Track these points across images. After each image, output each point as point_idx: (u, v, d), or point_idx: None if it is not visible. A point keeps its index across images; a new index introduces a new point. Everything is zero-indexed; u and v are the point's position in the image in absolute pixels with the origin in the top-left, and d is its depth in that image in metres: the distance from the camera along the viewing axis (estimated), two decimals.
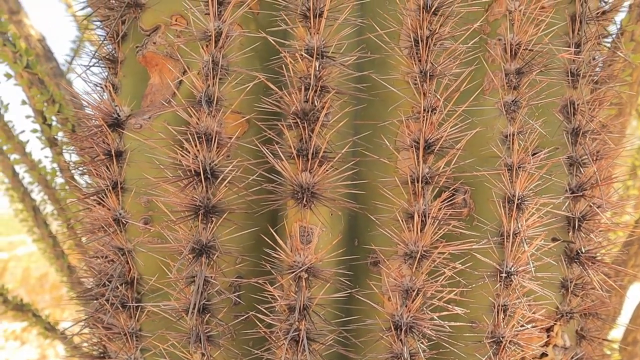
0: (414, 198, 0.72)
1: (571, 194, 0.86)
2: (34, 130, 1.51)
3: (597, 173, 0.85)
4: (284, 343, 0.72)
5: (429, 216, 0.72)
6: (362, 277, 0.78)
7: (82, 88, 0.94)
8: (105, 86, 0.92)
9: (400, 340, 0.73)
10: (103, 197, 0.88)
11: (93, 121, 0.90)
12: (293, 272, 0.71)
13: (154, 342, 0.81)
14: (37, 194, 1.94)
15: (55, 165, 1.59)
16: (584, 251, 0.86)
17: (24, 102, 1.52)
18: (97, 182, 0.89)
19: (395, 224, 0.74)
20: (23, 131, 1.67)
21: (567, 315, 0.89)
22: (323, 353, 0.74)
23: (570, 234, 0.86)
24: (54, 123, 1.37)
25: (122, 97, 0.90)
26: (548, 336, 0.89)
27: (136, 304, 0.85)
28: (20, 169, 1.77)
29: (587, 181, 0.87)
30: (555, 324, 0.89)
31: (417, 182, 0.72)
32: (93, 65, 0.96)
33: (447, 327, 0.73)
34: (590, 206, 0.86)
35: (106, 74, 0.96)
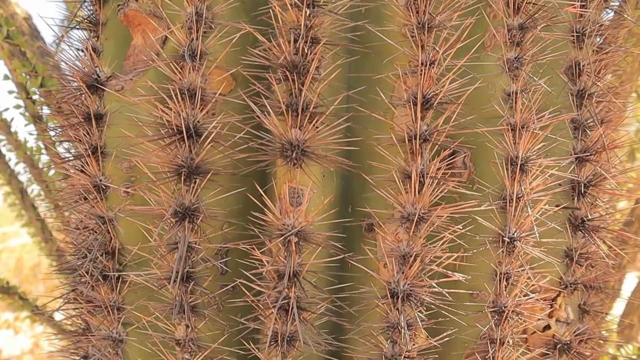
0: (411, 157, 0.68)
1: (576, 158, 0.82)
2: (17, 107, 1.46)
3: (603, 137, 0.81)
4: (272, 312, 0.67)
5: (427, 176, 0.67)
6: (356, 243, 0.73)
7: (63, 53, 0.89)
8: (86, 48, 0.87)
9: (397, 309, 0.69)
10: (82, 162, 0.83)
11: (72, 83, 0.85)
12: (282, 235, 0.66)
13: (136, 314, 0.77)
14: (24, 175, 1.89)
15: (40, 142, 1.53)
16: (589, 218, 0.82)
17: (6, 77, 1.47)
18: (77, 147, 0.85)
19: (392, 185, 0.69)
20: (7, 109, 1.62)
21: (571, 286, 0.85)
22: (314, 322, 0.69)
23: (575, 200, 0.82)
24: (36, 96, 1.31)
25: (104, 60, 0.85)
26: (551, 308, 0.85)
27: (117, 274, 0.80)
28: (4, 148, 1.71)
29: (593, 145, 0.82)
30: (558, 295, 0.85)
31: (415, 139, 0.67)
32: (73, 28, 0.91)
33: (447, 294, 0.69)
34: (597, 172, 0.82)
35: (87, 37, 0.91)
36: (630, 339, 1.73)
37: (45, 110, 1.35)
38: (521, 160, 0.73)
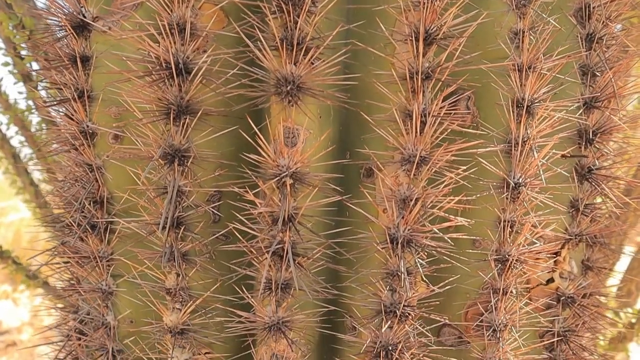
0: (412, 95, 0.64)
1: (584, 104, 0.79)
2: (5, 64, 1.41)
3: (613, 82, 0.78)
4: (266, 258, 0.64)
5: (429, 115, 0.64)
6: (355, 187, 0.70)
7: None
8: None
9: (397, 255, 0.66)
10: (68, 108, 0.80)
11: (57, 24, 0.81)
12: (277, 177, 0.63)
13: (126, 261, 0.74)
14: (16, 140, 1.85)
15: (30, 102, 1.49)
16: (596, 167, 0.79)
17: None
18: (62, 92, 0.81)
19: (392, 125, 0.66)
20: None
21: (576, 238, 0.82)
22: (310, 269, 0.66)
23: (582, 148, 0.79)
24: (24, 52, 1.27)
25: (90, 2, 0.81)
26: (555, 261, 0.83)
27: (105, 220, 0.77)
28: None
29: (602, 91, 0.79)
30: (563, 247, 0.82)
31: (416, 76, 0.64)
32: None
33: (449, 240, 0.66)
34: (605, 119, 0.79)
35: None
36: (628, 305, 1.72)
37: (35, 67, 1.31)
38: (527, 102, 0.70)
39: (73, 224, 0.81)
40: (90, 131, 0.78)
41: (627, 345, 1.61)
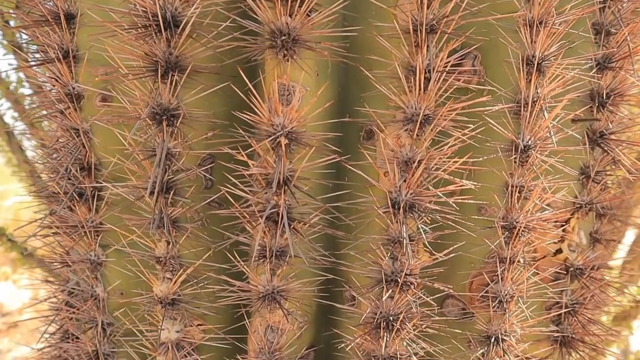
0: (415, 49, 0.60)
1: (597, 65, 0.74)
2: None
3: (629, 41, 0.73)
4: (260, 223, 0.61)
5: (433, 71, 0.60)
6: (354, 149, 0.66)
7: None
8: None
9: (398, 220, 0.62)
10: (53, 69, 0.76)
11: None
12: (271, 137, 0.59)
13: (115, 229, 0.70)
14: (9, 117, 1.81)
15: (21, 74, 1.45)
16: (609, 131, 0.75)
17: None
18: (47, 52, 0.77)
19: (394, 82, 0.62)
20: None
21: (585, 207, 0.78)
22: (307, 234, 0.63)
23: (594, 111, 0.75)
24: (13, 22, 1.23)
25: None
26: (563, 231, 0.79)
27: (94, 189, 0.74)
28: None
29: (616, 51, 0.75)
30: (572, 216, 0.79)
31: (420, 29, 0.59)
32: None
33: (454, 205, 0.62)
34: (619, 80, 0.74)
35: None
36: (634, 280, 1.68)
37: (24, 36, 1.26)
38: (538, 60, 0.65)
39: (60, 192, 0.78)
40: (76, 93, 0.74)
41: (630, 323, 1.58)
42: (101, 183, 0.73)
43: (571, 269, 0.79)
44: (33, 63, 0.77)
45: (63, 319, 0.86)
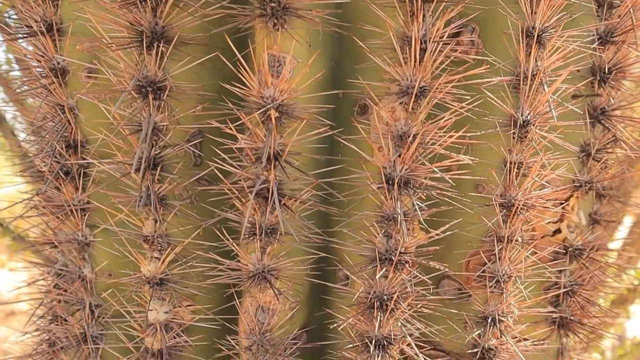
0: (411, 19, 0.58)
1: (599, 38, 0.72)
2: None
3: (632, 14, 0.71)
4: (249, 199, 0.59)
5: (429, 41, 0.57)
6: (347, 124, 0.64)
7: None
8: None
9: (393, 197, 0.60)
10: (37, 43, 0.73)
11: None
12: (261, 109, 0.57)
13: (102, 207, 0.68)
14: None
15: (10, 55, 1.42)
16: (611, 107, 0.73)
17: None
18: (30, 26, 0.74)
19: (388, 53, 0.59)
20: None
21: (585, 186, 0.76)
22: (298, 211, 0.61)
23: (595, 87, 0.73)
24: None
25: None
26: (562, 211, 0.77)
27: (80, 167, 0.71)
28: None
29: (619, 24, 0.72)
30: (571, 195, 0.77)
31: None
32: None
33: (450, 181, 0.60)
34: (622, 55, 0.72)
35: None
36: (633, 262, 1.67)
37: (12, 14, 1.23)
38: (538, 32, 0.63)
39: (45, 170, 0.75)
40: (61, 68, 0.72)
41: (628, 307, 1.57)
42: (87, 159, 0.71)
43: (570, 249, 0.77)
44: (16, 37, 0.74)
45: (51, 301, 0.84)
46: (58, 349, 0.79)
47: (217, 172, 0.61)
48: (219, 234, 0.62)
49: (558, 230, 0.78)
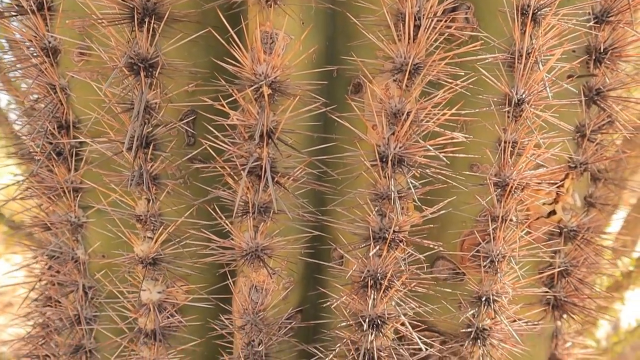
0: None
1: (594, 18, 0.72)
2: None
3: None
4: (242, 177, 0.58)
5: (424, 17, 0.57)
6: (341, 102, 0.64)
7: None
8: None
9: (387, 175, 0.60)
10: (28, 22, 0.72)
11: None
12: (254, 86, 0.57)
13: (95, 186, 0.68)
14: None
15: (2, 40, 1.40)
16: (607, 88, 0.73)
17: None
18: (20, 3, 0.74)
19: (382, 30, 0.59)
20: None
21: (580, 167, 0.76)
22: (292, 189, 0.60)
23: (591, 67, 0.72)
24: None
25: None
26: (557, 192, 0.77)
27: (72, 147, 0.71)
28: None
29: (615, 4, 0.72)
30: (566, 176, 0.76)
31: None
32: None
33: (444, 159, 0.60)
34: (618, 35, 0.72)
35: None
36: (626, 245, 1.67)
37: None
38: (533, 9, 0.63)
39: (37, 151, 0.75)
40: (52, 47, 0.71)
41: (623, 294, 1.58)
42: (80, 138, 0.70)
43: (565, 230, 0.77)
44: (5, 15, 0.73)
45: (45, 284, 0.84)
46: (52, 330, 0.79)
47: (210, 150, 0.60)
48: (213, 213, 0.62)
49: (553, 212, 0.78)
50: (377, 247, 0.60)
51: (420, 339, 0.63)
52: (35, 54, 0.73)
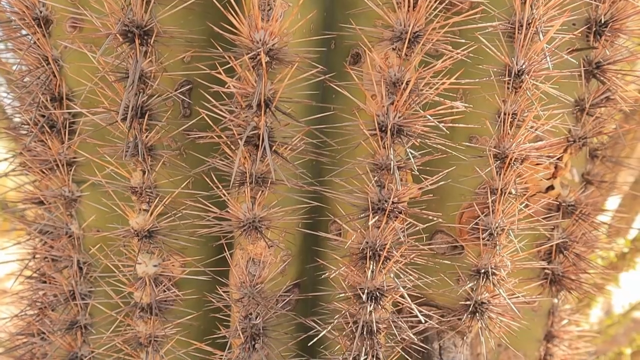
0: None
1: None
2: None
3: None
4: (239, 146, 0.57)
5: None
6: (340, 72, 0.63)
7: None
8: None
9: (386, 145, 0.59)
10: None
11: None
12: (251, 53, 0.56)
13: (89, 157, 0.67)
14: None
15: None
16: (606, 61, 0.72)
17: None
18: None
19: None
20: None
21: (579, 141, 0.76)
22: (290, 158, 0.59)
23: (590, 40, 0.72)
24: None
25: None
26: (556, 166, 0.77)
27: (65, 119, 0.70)
28: None
29: None
30: (565, 151, 0.76)
31: None
32: None
33: (444, 129, 0.59)
34: (619, 8, 0.71)
35: None
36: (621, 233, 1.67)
37: None
38: None
39: (29, 123, 0.74)
40: (44, 17, 0.69)
41: (617, 276, 1.58)
42: (74, 109, 0.69)
43: (563, 204, 0.77)
44: None
45: (39, 260, 0.83)
46: (46, 306, 0.78)
47: (207, 119, 0.59)
48: (210, 183, 0.61)
49: (551, 187, 0.77)
50: (376, 218, 0.60)
51: (420, 310, 0.63)
52: (26, 24, 0.71)
